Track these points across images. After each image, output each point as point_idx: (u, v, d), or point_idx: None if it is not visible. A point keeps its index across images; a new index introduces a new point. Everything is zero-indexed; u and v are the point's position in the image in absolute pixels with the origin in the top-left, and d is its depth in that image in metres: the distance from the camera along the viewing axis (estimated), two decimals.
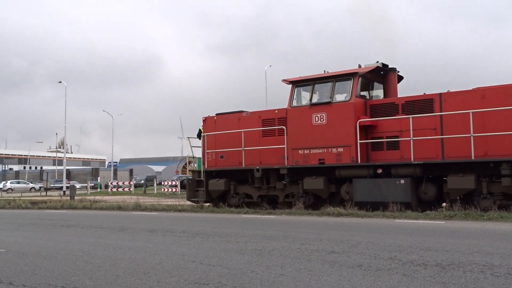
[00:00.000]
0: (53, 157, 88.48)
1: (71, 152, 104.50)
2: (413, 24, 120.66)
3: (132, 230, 10.32)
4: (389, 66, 15.13)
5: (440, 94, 13.21)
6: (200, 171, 17.13)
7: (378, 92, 15.60)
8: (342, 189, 14.19)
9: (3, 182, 58.43)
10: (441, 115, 12.97)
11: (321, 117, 14.35)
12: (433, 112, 13.09)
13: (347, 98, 14.04)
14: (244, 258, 6.38)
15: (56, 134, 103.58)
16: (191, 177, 17.63)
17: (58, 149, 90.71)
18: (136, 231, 10.12)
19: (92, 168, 74.69)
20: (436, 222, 10.69)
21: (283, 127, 15.16)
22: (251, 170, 15.70)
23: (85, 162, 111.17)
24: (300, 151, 14.73)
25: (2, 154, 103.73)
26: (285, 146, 15.00)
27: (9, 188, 53.34)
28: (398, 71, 15.42)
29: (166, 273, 5.56)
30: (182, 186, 19.63)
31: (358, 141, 13.59)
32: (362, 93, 14.81)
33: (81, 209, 18.19)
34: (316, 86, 14.73)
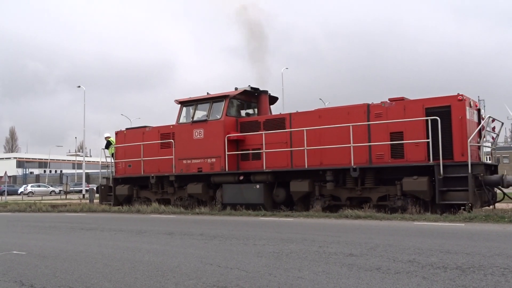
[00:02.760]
0: (73, 160, 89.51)
1: (90, 156, 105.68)
2: (427, 24, 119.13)
3: (150, 233, 10.39)
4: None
5: (290, 114, 15.91)
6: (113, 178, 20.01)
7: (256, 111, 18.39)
8: (217, 193, 16.76)
9: (24, 186, 59.33)
10: (290, 131, 15.47)
11: (200, 132, 17.09)
12: (285, 129, 15.66)
13: (219, 117, 16.67)
14: (262, 261, 6.38)
15: (76, 138, 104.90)
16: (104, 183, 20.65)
17: (77, 153, 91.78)
18: (155, 234, 10.18)
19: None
20: (456, 224, 10.57)
21: (172, 140, 17.79)
22: (149, 177, 18.39)
23: (104, 165, 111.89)
24: (184, 161, 17.49)
25: (23, 158, 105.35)
26: (173, 157, 17.67)
27: (30, 192, 54.10)
28: (270, 93, 18.09)
29: (184, 276, 5.58)
30: (98, 191, 22.16)
31: (226, 152, 16.24)
32: (246, 111, 17.91)
33: (100, 212, 18.38)
34: (198, 106, 17.46)
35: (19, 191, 55.21)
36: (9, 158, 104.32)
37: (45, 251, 8.06)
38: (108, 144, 20.73)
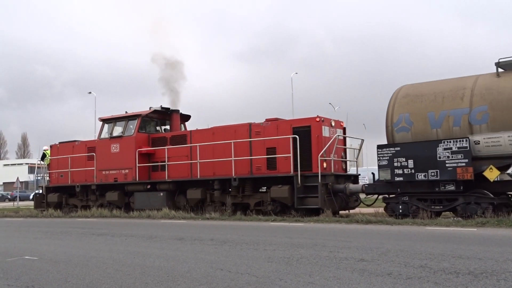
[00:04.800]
0: None
1: None
2: (434, 28, 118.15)
3: (161, 238, 10.42)
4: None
5: (191, 131, 18.46)
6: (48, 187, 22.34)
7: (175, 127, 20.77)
8: (130, 199, 19.17)
9: (35, 191, 59.57)
10: (190, 146, 17.73)
11: (116, 147, 19.45)
12: (186, 144, 17.91)
13: (131, 133, 19.09)
14: (272, 266, 6.37)
15: None
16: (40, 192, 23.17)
17: None
18: (165, 239, 10.21)
19: None
20: (468, 229, 10.48)
21: (94, 154, 20.10)
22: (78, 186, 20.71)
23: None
24: (103, 172, 19.83)
25: (35, 163, 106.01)
26: (94, 168, 20.00)
27: None
28: (181, 112, 20.52)
29: (195, 281, 5.59)
30: (34, 198, 24.65)
31: (137, 164, 18.66)
32: (165, 127, 20.46)
33: (111, 217, 18.46)
34: (117, 123, 19.87)
35: (31, 197, 55.53)
36: (21, 164, 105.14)
37: (57, 256, 8.11)
38: (44, 156, 23.02)
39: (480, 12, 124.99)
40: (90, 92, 49.62)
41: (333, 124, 15.93)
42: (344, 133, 16.65)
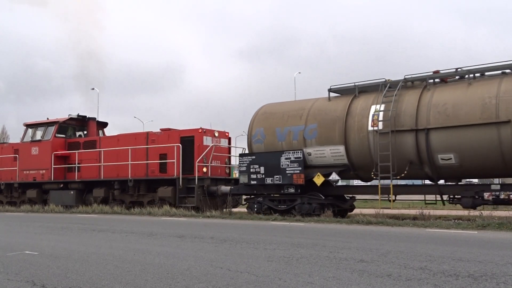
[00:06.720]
0: None
1: None
2: (436, 29, 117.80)
3: (161, 235, 10.43)
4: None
5: (100, 137, 21.53)
6: None
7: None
8: (47, 197, 21.67)
9: None
10: (100, 151, 20.27)
11: (36, 149, 22.02)
12: (96, 149, 20.51)
13: (48, 138, 21.69)
14: (272, 265, 6.37)
15: None
16: None
17: None
18: (166, 236, 10.22)
19: None
20: (469, 232, 10.47)
21: (17, 155, 22.59)
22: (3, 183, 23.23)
23: None
24: (25, 172, 22.39)
25: None
26: (17, 168, 22.53)
27: None
28: (98, 120, 23.44)
29: (194, 279, 5.59)
30: None
31: (53, 166, 21.21)
32: (82, 133, 22.95)
33: (111, 214, 18.50)
34: (38, 128, 22.44)
35: None
36: None
37: (57, 251, 8.13)
38: None
39: (482, 14, 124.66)
40: (93, 88, 49.51)
41: (216, 135, 18.63)
42: (229, 143, 19.47)
